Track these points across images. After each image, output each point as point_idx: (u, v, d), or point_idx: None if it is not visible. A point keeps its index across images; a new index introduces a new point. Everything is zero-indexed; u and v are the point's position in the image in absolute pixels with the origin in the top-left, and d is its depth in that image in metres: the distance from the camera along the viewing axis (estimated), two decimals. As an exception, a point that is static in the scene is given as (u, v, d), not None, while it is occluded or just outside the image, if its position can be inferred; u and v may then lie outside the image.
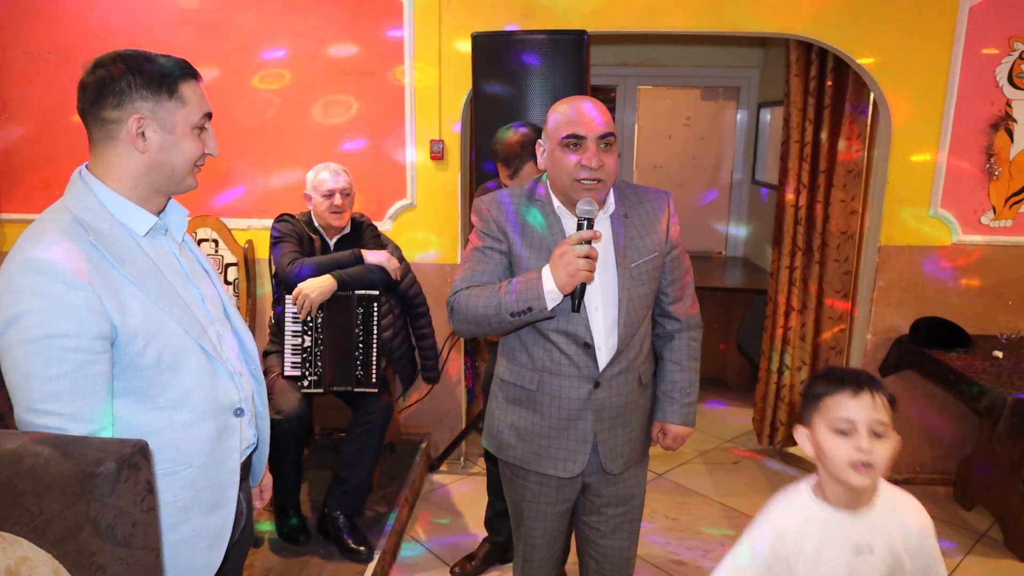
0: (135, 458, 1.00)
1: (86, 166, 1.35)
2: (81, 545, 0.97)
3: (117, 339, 1.25)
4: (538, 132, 2.28)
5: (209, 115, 1.39)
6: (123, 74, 1.29)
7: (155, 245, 1.38)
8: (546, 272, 1.56)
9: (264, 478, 1.72)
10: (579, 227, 1.58)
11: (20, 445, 0.99)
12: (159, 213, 1.40)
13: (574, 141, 1.61)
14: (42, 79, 3.35)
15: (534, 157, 2.16)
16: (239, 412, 1.44)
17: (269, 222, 2.89)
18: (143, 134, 1.30)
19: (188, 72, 1.35)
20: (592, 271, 1.54)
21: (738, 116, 5.69)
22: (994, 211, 3.27)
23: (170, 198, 1.43)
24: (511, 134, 2.39)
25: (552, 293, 1.56)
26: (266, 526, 2.77)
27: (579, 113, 1.62)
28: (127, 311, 1.26)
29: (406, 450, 3.44)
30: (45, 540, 0.97)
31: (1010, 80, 3.14)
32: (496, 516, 2.73)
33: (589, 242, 1.55)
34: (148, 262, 1.33)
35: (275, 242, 2.77)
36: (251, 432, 1.51)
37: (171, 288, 1.34)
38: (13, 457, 0.98)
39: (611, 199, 1.72)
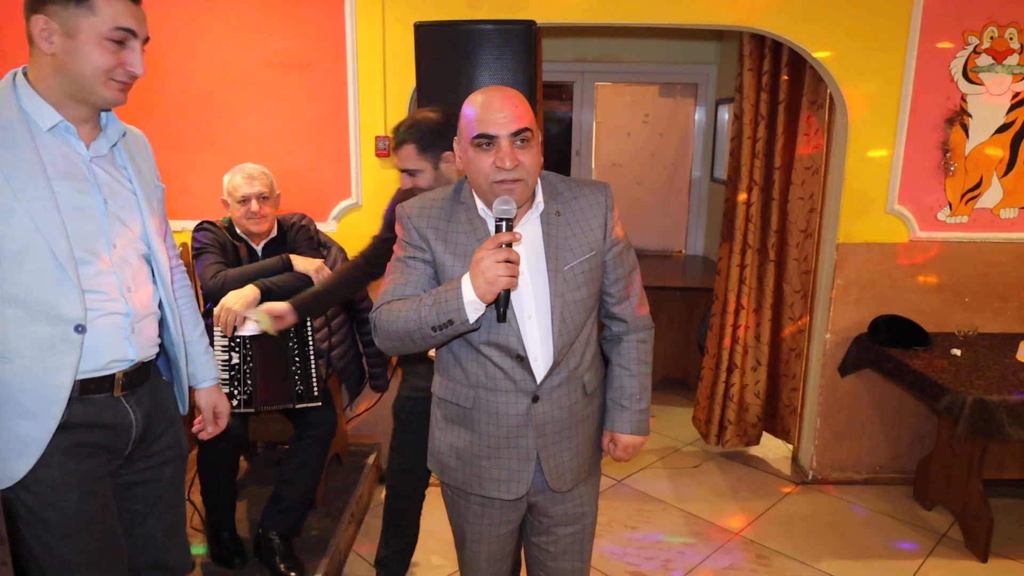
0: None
1: (25, 67, 1.45)
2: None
3: None
4: (434, 120, 2.17)
5: (130, 31, 1.42)
6: None
7: (60, 144, 1.44)
8: (466, 281, 1.41)
9: (220, 403, 1.86)
10: (497, 229, 1.44)
11: None
12: (84, 121, 1.47)
13: (485, 141, 1.47)
14: None
15: (417, 142, 2.13)
16: (80, 329, 1.43)
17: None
18: (50, 37, 1.38)
19: None
20: (514, 276, 1.39)
21: (696, 113, 5.64)
22: (950, 207, 3.24)
23: (100, 110, 1.49)
24: (414, 114, 2.24)
25: (473, 303, 1.41)
26: (199, 549, 2.58)
27: (488, 109, 1.47)
28: None
29: (354, 463, 3.28)
30: None
31: (964, 74, 3.10)
32: (392, 556, 2.46)
33: (509, 245, 1.41)
34: (33, 155, 1.39)
35: (196, 254, 2.59)
36: (131, 350, 1.53)
37: (44, 185, 1.39)
38: None
39: (539, 196, 1.59)
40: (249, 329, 2.37)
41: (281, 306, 2.32)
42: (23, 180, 1.37)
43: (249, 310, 2.35)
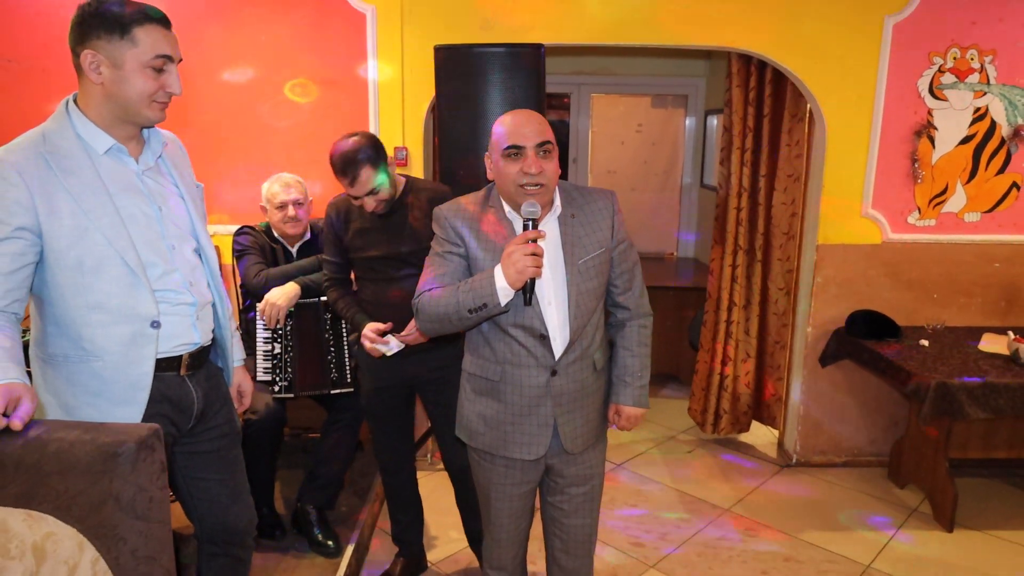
0: (151, 440, 1.11)
1: (75, 95, 1.62)
2: (104, 519, 1.08)
3: (43, 234, 1.54)
4: (368, 139, 2.32)
5: (168, 58, 1.59)
6: (87, 15, 1.54)
7: (115, 164, 1.64)
8: (498, 271, 1.71)
9: (244, 383, 2.02)
10: (524, 228, 1.74)
11: (44, 431, 1.10)
12: (130, 139, 1.65)
13: (515, 151, 1.76)
14: (1, 87, 3.36)
15: (370, 162, 2.28)
16: (155, 324, 1.65)
17: (234, 227, 2.99)
18: (98, 68, 1.54)
19: (148, 18, 1.56)
20: (539, 267, 1.69)
21: (686, 123, 5.94)
22: (919, 212, 3.55)
23: (143, 127, 1.67)
24: (343, 144, 2.34)
25: (504, 290, 1.70)
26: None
27: (518, 125, 1.77)
28: (55, 214, 1.54)
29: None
30: (70, 516, 1.08)
31: (930, 91, 3.42)
32: (404, 530, 2.74)
33: (535, 240, 1.70)
34: (95, 178, 1.58)
35: (239, 255, 2.87)
36: (196, 335, 1.76)
37: (108, 203, 1.59)
38: (38, 442, 1.09)
39: (557, 201, 1.88)
40: (393, 347, 2.41)
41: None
42: (91, 202, 1.56)
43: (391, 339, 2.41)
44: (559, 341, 1.85)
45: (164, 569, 1.12)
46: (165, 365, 1.72)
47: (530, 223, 1.73)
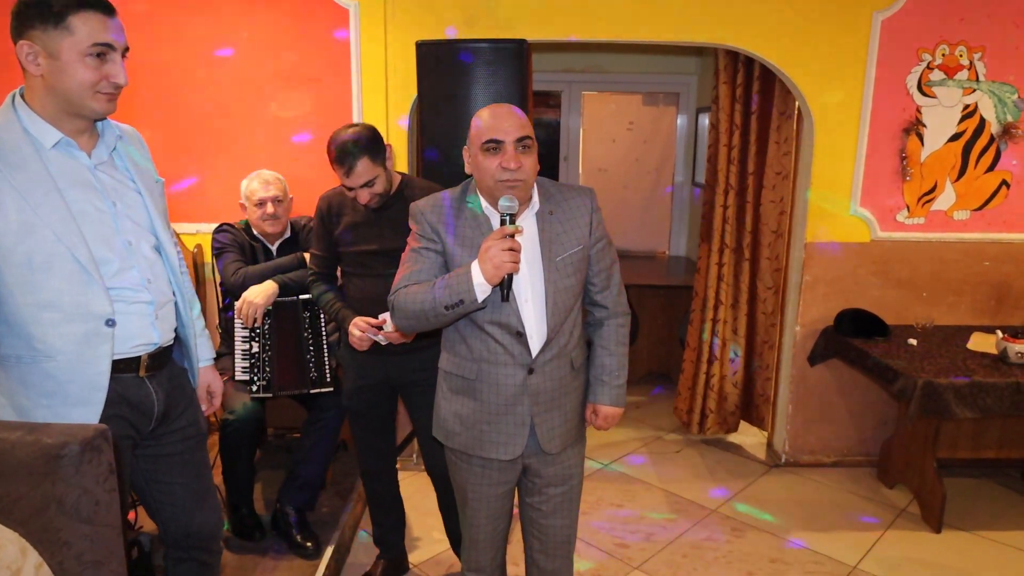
0: (97, 441, 1.07)
1: (22, 88, 1.56)
2: (47, 523, 1.04)
3: None
4: (368, 130, 2.30)
5: (109, 46, 1.53)
6: (23, 5, 1.48)
7: (64, 158, 1.58)
8: (475, 266, 1.69)
9: (213, 383, 1.96)
10: (502, 223, 1.70)
11: (-14, 432, 1.06)
12: (81, 133, 1.59)
13: (494, 145, 1.73)
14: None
15: (368, 153, 2.24)
16: (110, 323, 1.60)
17: (215, 225, 2.94)
18: (36, 60, 1.48)
19: (84, 4, 1.49)
20: (516, 263, 1.66)
21: (678, 120, 5.91)
22: (908, 209, 3.52)
23: (94, 120, 1.61)
24: (342, 133, 2.30)
25: (481, 285, 1.68)
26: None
27: (497, 119, 1.74)
28: (0, 210, 1.48)
29: (358, 448, 3.51)
30: (11, 520, 1.04)
31: (919, 88, 3.39)
32: (386, 532, 2.72)
33: (512, 236, 1.67)
34: (43, 173, 1.52)
35: (217, 253, 2.83)
36: (155, 334, 1.71)
37: (57, 198, 1.53)
38: (-21, 443, 1.05)
39: (535, 197, 1.85)
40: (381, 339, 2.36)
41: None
42: (39, 197, 1.50)
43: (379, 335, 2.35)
44: (536, 339, 1.82)
45: (113, 574, 1.08)
46: (123, 366, 1.66)
47: (507, 218, 1.70)
